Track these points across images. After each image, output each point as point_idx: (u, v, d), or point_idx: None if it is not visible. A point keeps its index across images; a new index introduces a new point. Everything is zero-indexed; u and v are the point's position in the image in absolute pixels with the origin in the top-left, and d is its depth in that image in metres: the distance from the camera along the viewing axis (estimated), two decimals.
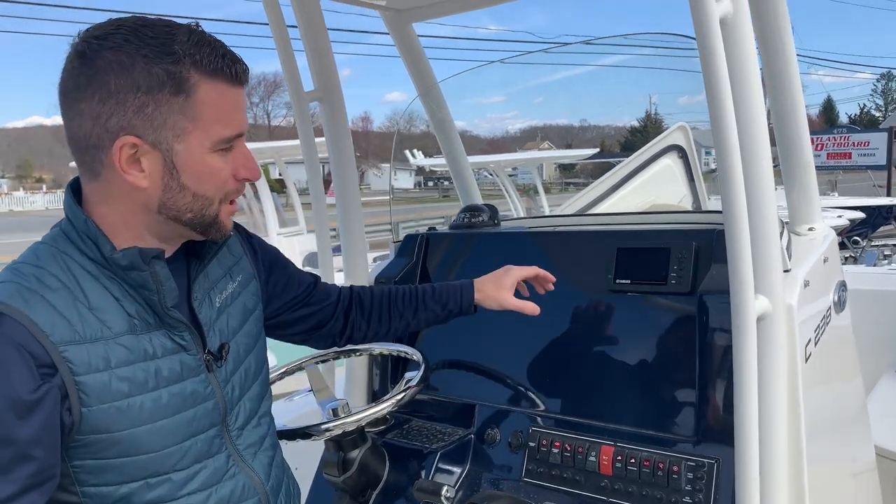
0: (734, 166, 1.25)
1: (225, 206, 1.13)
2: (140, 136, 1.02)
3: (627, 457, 1.60)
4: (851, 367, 1.96)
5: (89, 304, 1.03)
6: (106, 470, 1.05)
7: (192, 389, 1.12)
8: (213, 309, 1.20)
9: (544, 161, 16.68)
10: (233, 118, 1.07)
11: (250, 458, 1.23)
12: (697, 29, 1.23)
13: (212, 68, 1.04)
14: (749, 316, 1.29)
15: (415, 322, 1.62)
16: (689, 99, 4.32)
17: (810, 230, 1.84)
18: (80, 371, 1.00)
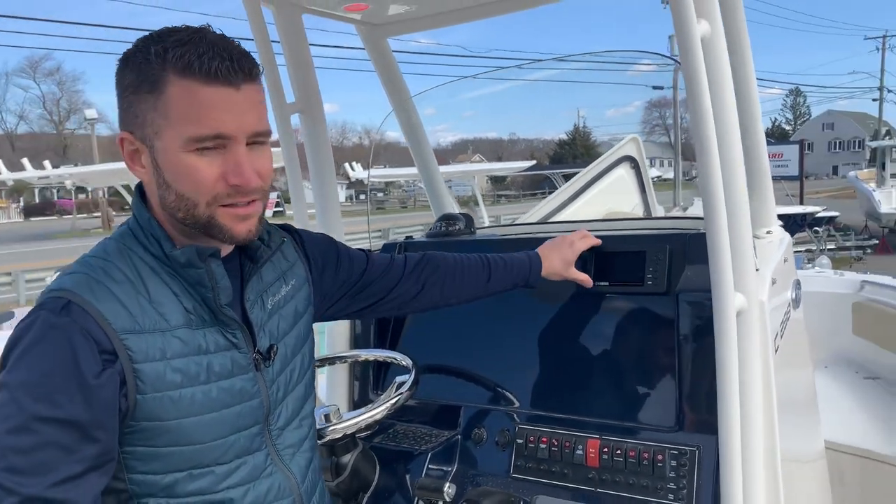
0: (715, 174, 1.37)
1: (220, 210, 1.10)
2: (131, 133, 1.10)
3: (613, 448, 1.68)
4: (806, 358, 2.12)
5: (150, 298, 1.08)
6: (154, 458, 1.09)
7: (241, 386, 1.16)
8: (264, 311, 1.24)
9: (478, 173, 16.94)
10: (206, 117, 1.05)
11: (288, 458, 1.26)
12: (682, 47, 1.34)
13: (181, 65, 1.04)
14: (730, 311, 1.40)
15: (484, 291, 1.68)
16: (616, 111, 4.46)
17: (768, 233, 1.99)
18: (139, 359, 1.04)
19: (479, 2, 2.10)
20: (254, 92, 1.10)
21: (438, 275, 1.62)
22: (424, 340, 2.13)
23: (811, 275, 4.67)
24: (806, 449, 2.11)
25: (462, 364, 2.02)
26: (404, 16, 2.19)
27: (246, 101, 1.08)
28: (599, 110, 39.40)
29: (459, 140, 70.54)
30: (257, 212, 1.15)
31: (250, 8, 1.90)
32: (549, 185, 22.26)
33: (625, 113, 29.03)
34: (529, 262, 1.73)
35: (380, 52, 2.33)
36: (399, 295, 1.58)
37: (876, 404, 3.45)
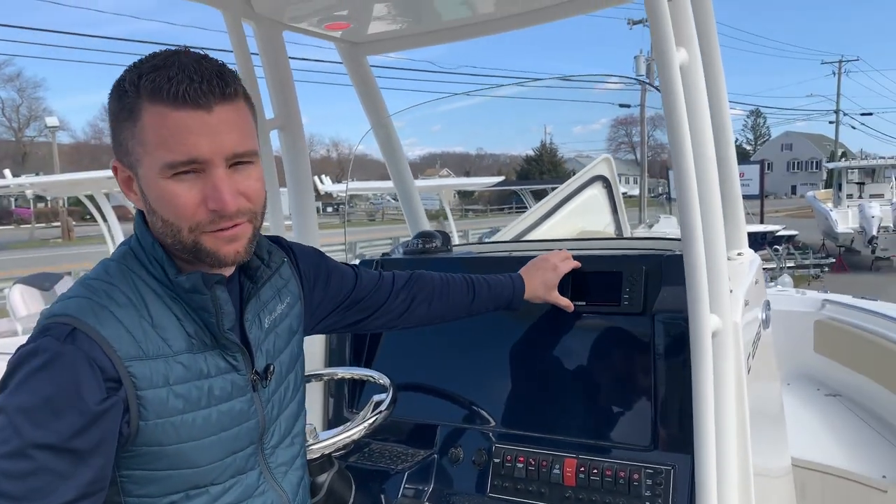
0: (692, 198, 1.41)
1: (207, 236, 1.08)
2: (120, 160, 1.10)
3: (590, 467, 1.70)
4: (775, 376, 2.17)
5: (153, 322, 1.07)
6: (152, 481, 1.08)
7: (239, 408, 1.15)
8: (262, 329, 1.23)
9: (448, 188, 17.01)
10: (179, 142, 1.02)
11: (280, 476, 1.25)
12: (662, 74, 1.38)
13: (151, 89, 1.02)
14: (706, 332, 1.44)
15: (467, 312, 1.71)
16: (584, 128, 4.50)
17: (739, 255, 2.04)
18: (143, 386, 1.03)
19: (459, 23, 2.13)
20: (231, 112, 1.06)
21: (426, 293, 1.64)
22: (401, 358, 2.13)
23: (773, 293, 4.78)
24: (775, 464, 2.16)
25: (439, 383, 2.03)
26: (384, 35, 2.21)
27: (221, 122, 1.04)
28: (566, 127, 40.13)
29: (427, 154, 70.76)
30: (246, 233, 1.12)
31: (231, 23, 1.89)
32: (517, 201, 22.37)
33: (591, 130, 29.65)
34: (513, 285, 1.75)
35: (359, 70, 2.34)
36: (388, 311, 1.59)
37: (836, 421, 3.53)
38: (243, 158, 1.08)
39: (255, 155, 1.11)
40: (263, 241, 1.27)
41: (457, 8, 2.04)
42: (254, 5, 1.89)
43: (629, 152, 55.32)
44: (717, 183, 1.51)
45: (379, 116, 2.43)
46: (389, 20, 2.09)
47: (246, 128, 1.10)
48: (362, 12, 2.01)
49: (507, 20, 2.08)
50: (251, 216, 1.12)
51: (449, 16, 2.09)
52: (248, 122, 1.11)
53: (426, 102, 2.54)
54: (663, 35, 1.34)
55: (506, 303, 1.75)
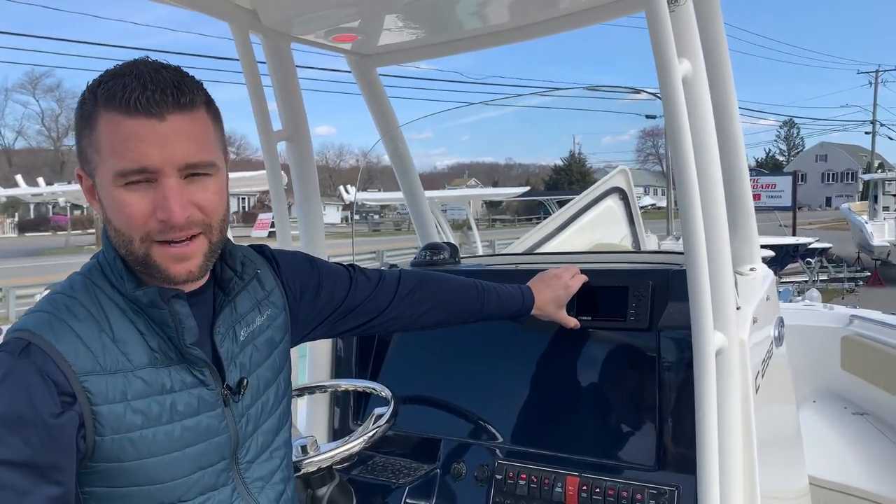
0: (695, 212, 1.37)
1: (156, 248, 1.06)
2: (82, 167, 1.09)
3: (592, 486, 1.67)
4: (789, 396, 2.11)
5: (114, 336, 1.06)
6: (114, 498, 1.06)
7: (207, 424, 1.13)
8: (236, 343, 1.21)
9: (472, 199, 16.98)
10: (130, 150, 1.01)
11: (256, 491, 1.23)
12: (662, 86, 1.35)
13: (106, 97, 1.01)
14: (709, 350, 1.40)
15: (473, 318, 1.67)
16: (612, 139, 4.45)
17: (752, 270, 1.99)
18: (98, 401, 1.02)
19: (469, 34, 2.12)
20: (186, 122, 1.04)
21: (436, 298, 1.61)
22: (407, 371, 2.11)
23: (800, 308, 4.67)
24: (788, 486, 2.09)
25: (443, 396, 2.01)
26: (393, 47, 2.21)
27: (174, 132, 1.02)
28: (595, 137, 39.95)
29: (456, 164, 70.86)
30: (199, 250, 1.09)
31: (238, 35, 1.90)
32: (545, 211, 22.32)
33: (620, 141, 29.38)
34: (522, 298, 1.72)
35: (369, 82, 2.34)
36: (393, 315, 1.54)
37: (862, 440, 3.43)
38: (198, 170, 1.06)
39: (213, 167, 1.09)
40: (237, 251, 1.25)
41: (466, 19, 2.03)
42: (261, 18, 1.90)
43: (656, 164, 54.78)
44: (722, 197, 1.47)
45: (389, 128, 2.42)
46: (398, 32, 2.08)
47: (203, 138, 1.07)
48: (371, 24, 2.01)
49: (516, 31, 2.06)
50: (205, 229, 1.09)
51: (458, 27, 2.08)
52: (207, 132, 1.09)
53: (435, 113, 2.53)
54: (664, 46, 1.31)
55: (513, 314, 1.73)
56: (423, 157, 49.99)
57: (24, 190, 11.23)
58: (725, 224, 1.48)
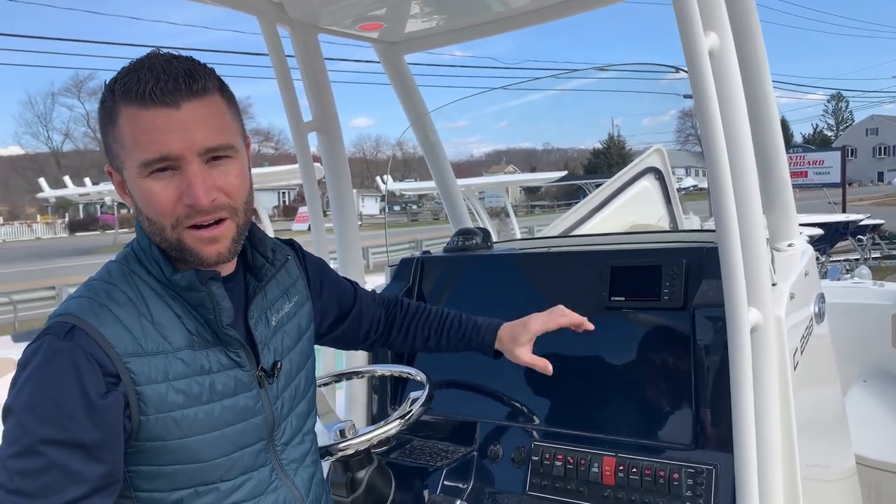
0: (726, 188, 1.35)
1: (186, 233, 1.09)
2: (112, 165, 1.13)
3: (629, 466, 1.66)
4: (831, 374, 2.06)
5: (153, 320, 1.10)
6: (159, 476, 1.10)
7: (244, 404, 1.17)
8: (268, 328, 1.25)
9: (508, 185, 16.88)
10: (150, 141, 1.04)
11: (292, 472, 1.27)
12: (688, 61, 1.32)
13: (123, 92, 1.05)
14: (743, 327, 1.38)
15: (436, 349, 1.67)
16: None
17: (790, 246, 1.95)
18: (141, 381, 1.06)
19: (492, 18, 2.11)
20: (201, 108, 1.07)
21: (403, 324, 1.65)
22: (442, 355, 2.12)
23: (848, 286, 4.55)
24: (832, 467, 2.05)
25: (479, 380, 2.02)
26: (419, 33, 2.21)
27: (190, 119, 1.05)
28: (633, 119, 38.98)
29: (493, 151, 70.65)
30: (227, 233, 1.12)
31: (266, 28, 1.93)
32: (583, 195, 22.01)
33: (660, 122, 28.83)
34: (484, 332, 1.61)
35: (396, 69, 2.35)
36: (371, 336, 1.62)
37: None
38: (218, 153, 1.09)
39: (232, 149, 1.11)
40: (268, 239, 1.29)
41: (490, 2, 2.02)
42: (287, 10, 1.92)
43: (696, 144, 53.70)
44: (754, 173, 1.44)
45: (417, 115, 2.43)
46: (423, 18, 2.09)
47: (219, 122, 1.10)
48: (396, 12, 2.02)
49: (541, 12, 2.05)
50: (231, 212, 1.12)
51: (483, 10, 2.07)
52: (223, 116, 1.11)
53: (463, 98, 2.53)
54: (689, 19, 1.28)
55: (476, 348, 1.63)
56: (460, 146, 49.56)
57: (72, 190, 11.55)
58: (758, 199, 1.45)
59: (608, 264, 1.88)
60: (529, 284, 2.04)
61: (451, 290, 2.19)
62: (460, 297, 2.15)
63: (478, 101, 2.82)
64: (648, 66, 2.51)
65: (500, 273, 2.12)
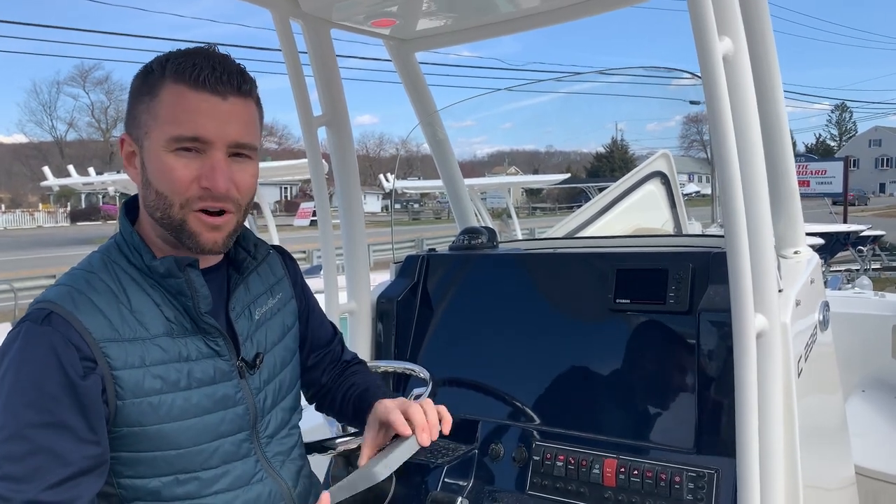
0: (736, 193, 1.35)
1: (192, 215, 1.13)
2: (129, 133, 1.17)
3: (630, 468, 1.66)
4: (834, 383, 2.07)
5: (131, 308, 1.12)
6: (138, 463, 1.12)
7: (224, 393, 1.18)
8: (251, 321, 1.27)
9: (511, 186, 16.88)
10: (189, 120, 1.10)
11: (279, 465, 1.28)
12: (702, 65, 1.33)
13: (175, 72, 1.11)
14: (749, 333, 1.38)
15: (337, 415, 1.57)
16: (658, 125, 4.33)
17: (796, 253, 1.95)
18: (118, 366, 1.08)
19: (504, 18, 2.11)
20: (242, 106, 1.15)
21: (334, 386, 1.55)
22: (445, 353, 2.13)
23: (849, 296, 4.55)
24: (832, 475, 2.05)
25: (481, 379, 2.02)
26: (432, 31, 2.21)
27: (231, 112, 1.13)
28: (637, 124, 39.09)
29: (496, 152, 70.64)
30: (228, 225, 1.17)
31: (279, 22, 1.94)
32: (586, 199, 22.07)
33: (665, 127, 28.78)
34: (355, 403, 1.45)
35: (407, 67, 2.35)
36: (316, 386, 1.55)
37: None
38: (243, 150, 1.15)
39: (255, 151, 1.18)
40: (250, 234, 1.31)
41: (502, 2, 2.03)
42: (301, 4, 1.92)
43: (700, 150, 53.66)
44: (763, 179, 1.44)
45: (427, 113, 2.43)
46: (436, 16, 2.09)
47: (253, 124, 1.17)
48: (408, 9, 2.02)
49: (552, 13, 2.05)
50: (236, 207, 1.17)
51: (494, 10, 2.07)
52: (256, 121, 1.19)
53: (472, 98, 2.53)
54: (704, 23, 1.29)
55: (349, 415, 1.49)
56: (464, 146, 49.46)
57: (75, 179, 11.56)
58: (767, 206, 1.45)
59: (614, 267, 1.88)
60: (534, 285, 2.04)
61: (456, 288, 2.19)
62: (464, 295, 2.15)
63: (484, 101, 2.82)
64: (655, 69, 2.51)
65: (505, 273, 2.13)
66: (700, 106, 4.71)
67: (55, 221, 53.90)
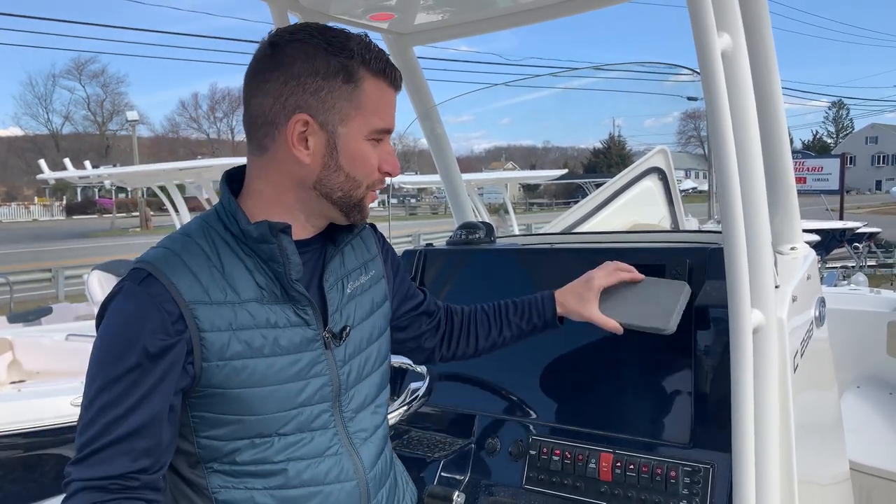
0: (733, 189, 1.35)
1: (369, 193, 1.25)
2: (312, 116, 1.17)
3: (626, 463, 1.67)
4: (830, 378, 2.08)
5: (223, 272, 1.15)
6: (218, 424, 1.15)
7: (307, 362, 1.20)
8: (343, 294, 1.29)
9: (509, 182, 16.88)
10: (387, 113, 1.22)
11: (359, 443, 1.28)
12: (701, 61, 1.33)
13: (377, 68, 1.19)
14: (746, 328, 1.39)
15: (500, 340, 1.65)
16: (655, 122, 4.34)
17: (792, 249, 1.96)
18: (205, 328, 1.11)
19: (502, 12, 2.11)
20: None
21: (453, 334, 1.65)
22: None
23: (845, 292, 4.57)
24: (827, 471, 2.07)
25: (479, 373, 2.02)
26: (429, 25, 2.21)
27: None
28: (634, 120, 39.12)
29: (493, 147, 70.52)
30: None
31: (277, 15, 1.93)
32: (583, 194, 22.07)
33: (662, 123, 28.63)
34: (542, 303, 1.64)
35: (405, 61, 2.34)
36: (426, 345, 1.63)
37: None
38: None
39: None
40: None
41: None
42: None
43: (698, 146, 53.70)
44: (761, 175, 1.45)
45: (425, 107, 2.43)
46: (434, 10, 2.09)
47: None
48: (407, 3, 2.02)
49: (551, 8, 2.04)
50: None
51: (493, 4, 2.07)
52: None
53: (469, 92, 2.53)
54: (703, 19, 1.29)
55: (540, 322, 1.64)
56: (462, 141, 49.45)
57: (71, 172, 11.53)
58: (765, 202, 1.46)
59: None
60: (532, 280, 2.04)
61: (453, 283, 2.19)
62: (462, 290, 2.15)
63: (481, 96, 2.82)
64: (654, 65, 2.51)
65: (502, 267, 2.13)
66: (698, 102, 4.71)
67: (51, 215, 53.80)
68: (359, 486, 1.26)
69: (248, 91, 1.21)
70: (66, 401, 4.50)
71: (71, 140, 61.32)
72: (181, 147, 61.64)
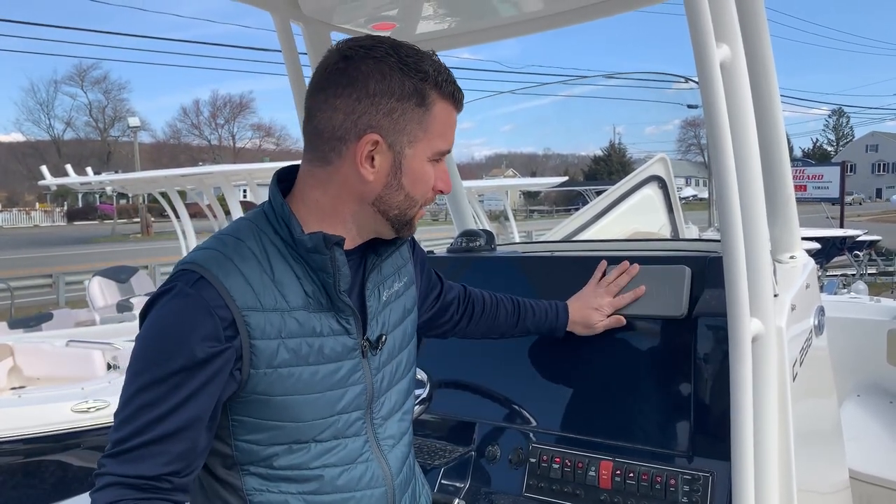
0: (732, 198, 1.36)
1: (421, 210, 1.26)
2: (383, 136, 1.17)
3: (626, 471, 1.67)
4: (829, 387, 2.08)
5: (274, 278, 1.14)
6: (258, 429, 1.16)
7: (346, 371, 1.21)
8: (379, 301, 1.30)
9: (509, 189, 16.92)
10: (450, 136, 1.23)
11: (387, 449, 1.30)
12: (700, 71, 1.34)
13: (447, 91, 1.20)
14: (745, 337, 1.39)
15: (510, 333, 1.79)
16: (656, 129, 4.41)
17: (792, 258, 1.96)
18: (256, 335, 1.11)
19: (504, 21, 2.12)
20: None
21: (473, 316, 1.74)
22: (444, 355, 2.14)
23: (845, 300, 4.57)
24: (827, 480, 2.07)
25: (479, 381, 2.03)
26: (431, 35, 2.22)
27: None
28: (635, 127, 39.41)
29: (494, 154, 70.72)
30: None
31: (280, 25, 1.95)
32: (583, 202, 22.16)
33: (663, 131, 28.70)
34: (557, 313, 1.79)
35: None
36: (443, 325, 1.71)
37: None
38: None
39: None
40: None
41: (502, 6, 2.04)
42: (302, 7, 1.93)
43: (698, 154, 53.76)
44: (760, 184, 1.46)
45: None
46: (437, 20, 2.10)
47: None
48: (409, 12, 2.03)
49: (553, 17, 2.06)
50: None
51: (494, 14, 2.08)
52: None
53: (474, 101, 2.54)
54: (701, 30, 1.30)
55: (547, 331, 1.81)
56: (463, 148, 49.54)
57: (73, 179, 11.55)
58: (763, 211, 1.47)
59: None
60: (532, 287, 2.05)
61: None
62: None
63: (483, 104, 2.84)
64: (654, 74, 2.53)
65: (502, 275, 2.14)
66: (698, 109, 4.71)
67: (52, 220, 53.83)
68: (387, 493, 1.29)
69: (314, 102, 1.19)
70: (67, 407, 4.50)
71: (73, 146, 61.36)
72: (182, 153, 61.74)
